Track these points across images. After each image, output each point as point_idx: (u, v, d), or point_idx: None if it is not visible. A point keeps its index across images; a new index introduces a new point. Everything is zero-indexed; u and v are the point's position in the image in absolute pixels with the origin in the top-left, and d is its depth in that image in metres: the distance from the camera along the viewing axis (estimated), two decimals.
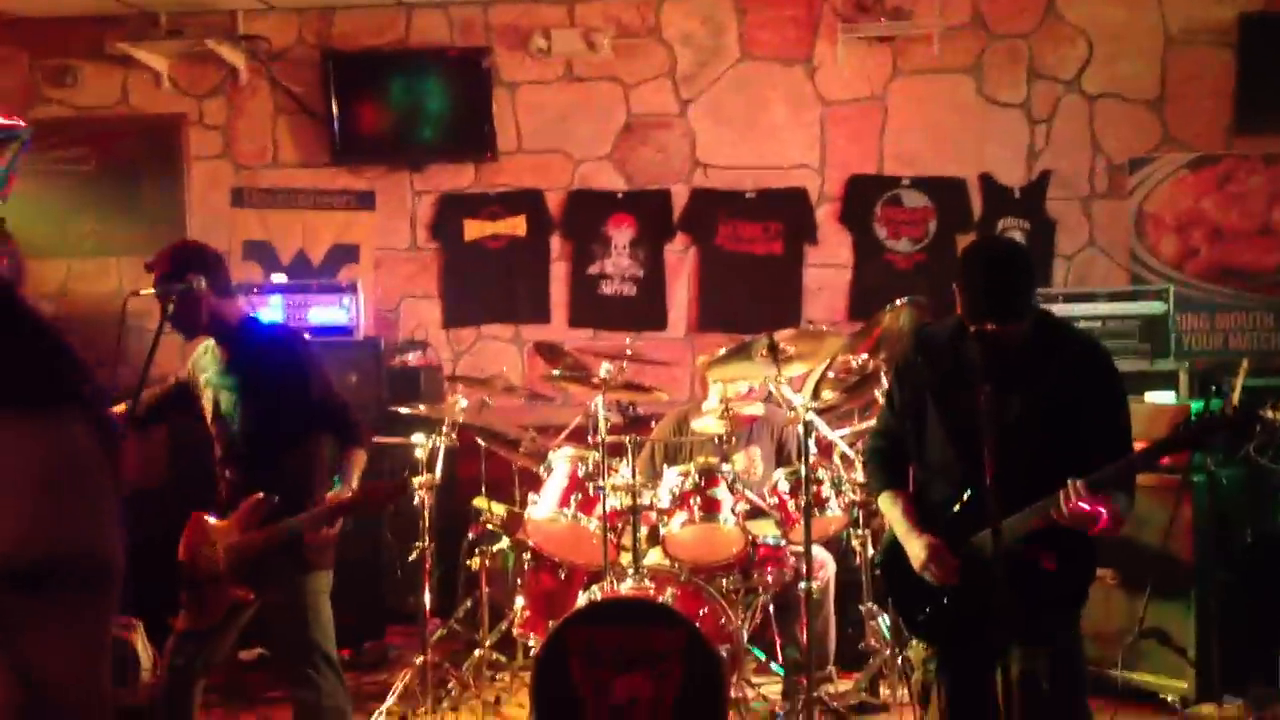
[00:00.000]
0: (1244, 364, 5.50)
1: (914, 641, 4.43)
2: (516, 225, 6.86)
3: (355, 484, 3.81)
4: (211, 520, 3.90)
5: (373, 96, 6.84)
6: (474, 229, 6.90)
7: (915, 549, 3.23)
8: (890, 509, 3.40)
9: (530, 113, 6.86)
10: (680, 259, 6.81)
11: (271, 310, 6.30)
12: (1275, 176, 6.28)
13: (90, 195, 7.08)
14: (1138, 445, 3.15)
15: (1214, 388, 5.54)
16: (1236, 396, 5.33)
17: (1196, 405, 3.13)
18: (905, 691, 4.76)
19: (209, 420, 4.05)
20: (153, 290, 3.97)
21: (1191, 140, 6.39)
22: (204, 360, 4.09)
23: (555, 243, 6.87)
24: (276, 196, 7.04)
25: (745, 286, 6.71)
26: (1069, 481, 2.94)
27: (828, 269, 6.71)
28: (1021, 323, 3.07)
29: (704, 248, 6.77)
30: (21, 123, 2.41)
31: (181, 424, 6.56)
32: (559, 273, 6.88)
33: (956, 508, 3.20)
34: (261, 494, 3.77)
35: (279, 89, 6.99)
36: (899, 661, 4.87)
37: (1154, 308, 5.79)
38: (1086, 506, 2.92)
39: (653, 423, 5.86)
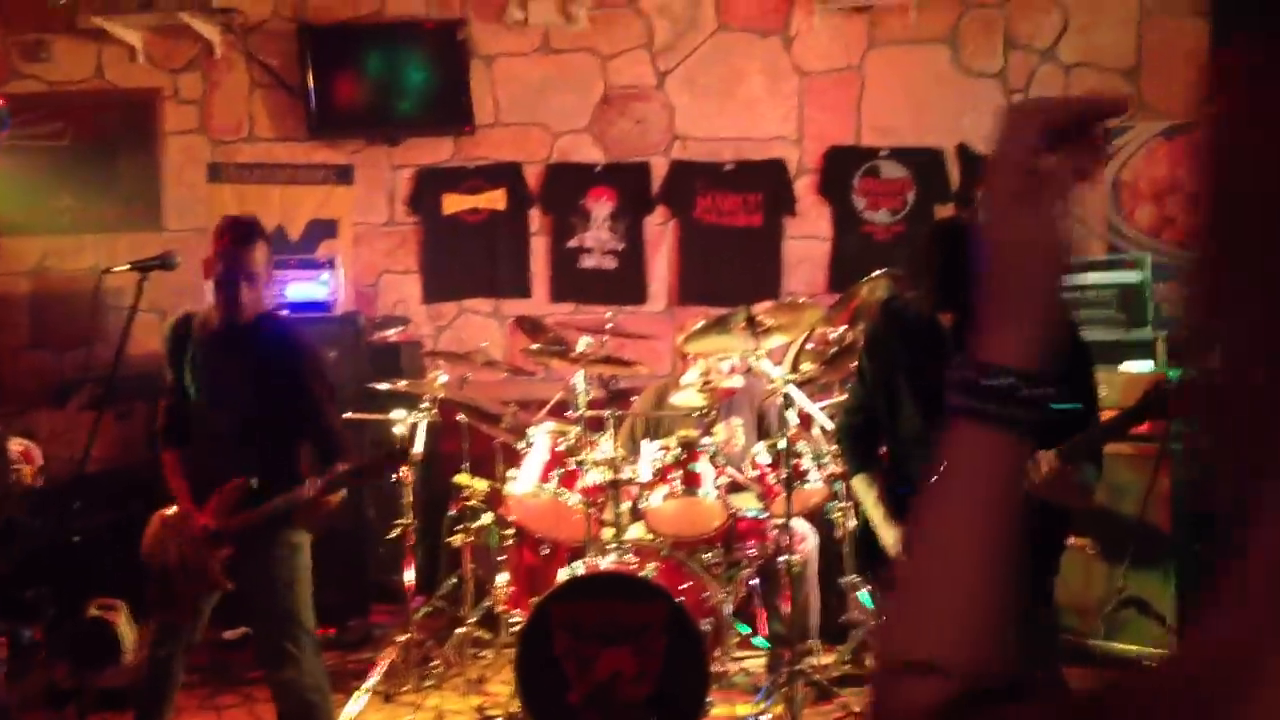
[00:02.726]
0: None
1: None
2: (495, 199, 6.84)
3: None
4: (170, 512, 3.87)
5: (349, 70, 6.79)
6: (453, 203, 6.87)
7: (889, 539, 3.27)
8: (865, 494, 3.43)
9: (507, 85, 6.83)
10: (660, 232, 6.81)
11: None
12: None
13: (65, 171, 7.03)
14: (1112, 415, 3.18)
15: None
16: None
17: (1174, 374, 3.15)
18: None
19: (191, 396, 3.97)
20: (128, 266, 3.90)
21: (1166, 109, 6.40)
22: (190, 334, 3.99)
23: (535, 216, 6.85)
24: (253, 171, 6.99)
25: (725, 259, 6.71)
26: (1039, 453, 2.97)
27: (807, 241, 6.71)
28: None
29: (683, 220, 6.77)
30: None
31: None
32: (539, 246, 6.87)
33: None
34: (243, 479, 3.75)
35: (254, 63, 6.93)
36: None
37: (1131, 277, 5.80)
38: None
39: (632, 397, 5.87)
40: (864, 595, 5.04)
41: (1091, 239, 6.47)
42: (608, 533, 4.68)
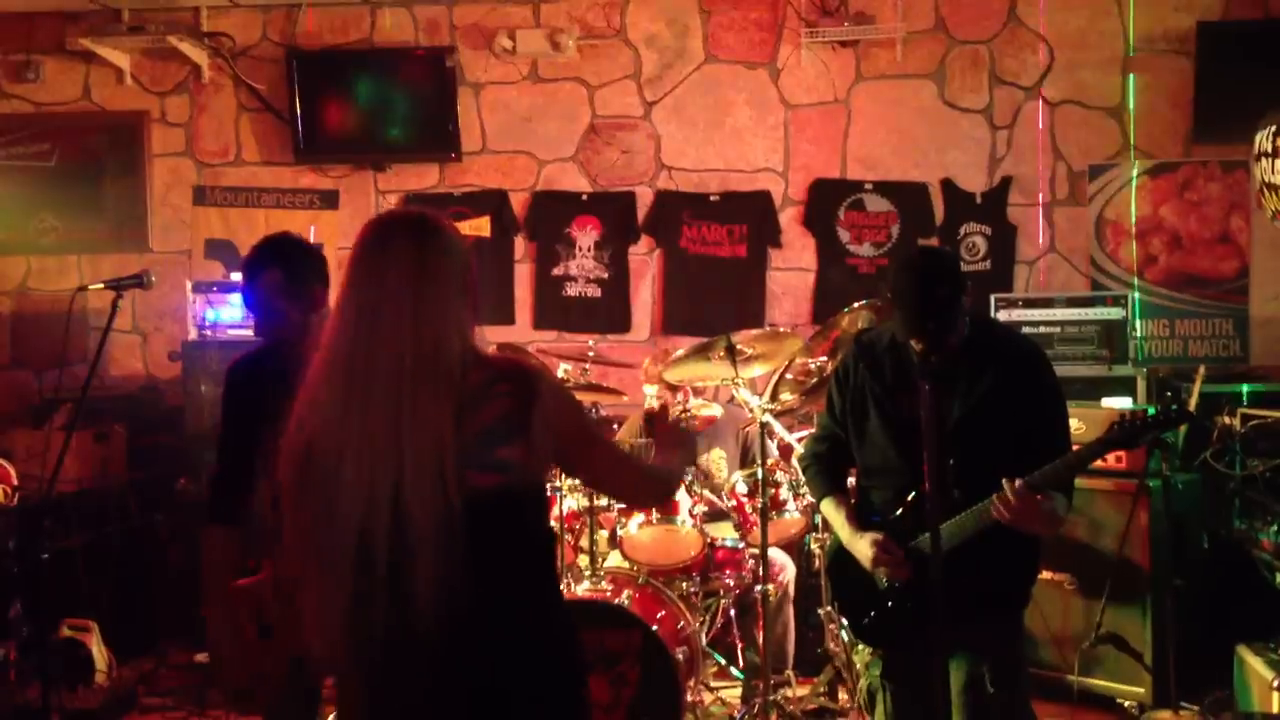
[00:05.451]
0: (1200, 370, 5.56)
1: (860, 647, 4.46)
2: (481, 226, 6.83)
3: None
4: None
5: (337, 95, 6.80)
6: None
7: (862, 549, 3.24)
8: (833, 515, 3.41)
9: (495, 113, 6.85)
10: (644, 261, 6.81)
11: (232, 309, 6.25)
12: (1233, 184, 6.34)
13: (51, 191, 7.04)
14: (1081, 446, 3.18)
15: (1170, 394, 5.59)
16: (1193, 403, 5.38)
17: (1153, 411, 3.16)
18: None
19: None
20: (102, 284, 3.85)
21: (1151, 148, 6.43)
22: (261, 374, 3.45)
23: (520, 243, 6.85)
24: (239, 195, 6.99)
25: (709, 289, 6.71)
26: (1005, 482, 2.97)
27: (791, 272, 6.72)
28: (952, 331, 3.11)
29: (668, 250, 6.77)
30: None
31: (143, 424, 6.58)
32: (523, 274, 6.87)
33: (899, 511, 3.21)
34: None
35: (242, 87, 6.95)
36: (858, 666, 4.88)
37: (1113, 314, 5.82)
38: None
39: (615, 425, 5.86)
40: (842, 627, 5.01)
41: (1075, 275, 6.49)
42: (584, 560, 4.66)
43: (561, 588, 4.28)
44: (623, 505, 3.71)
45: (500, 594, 2.15)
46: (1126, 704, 4.94)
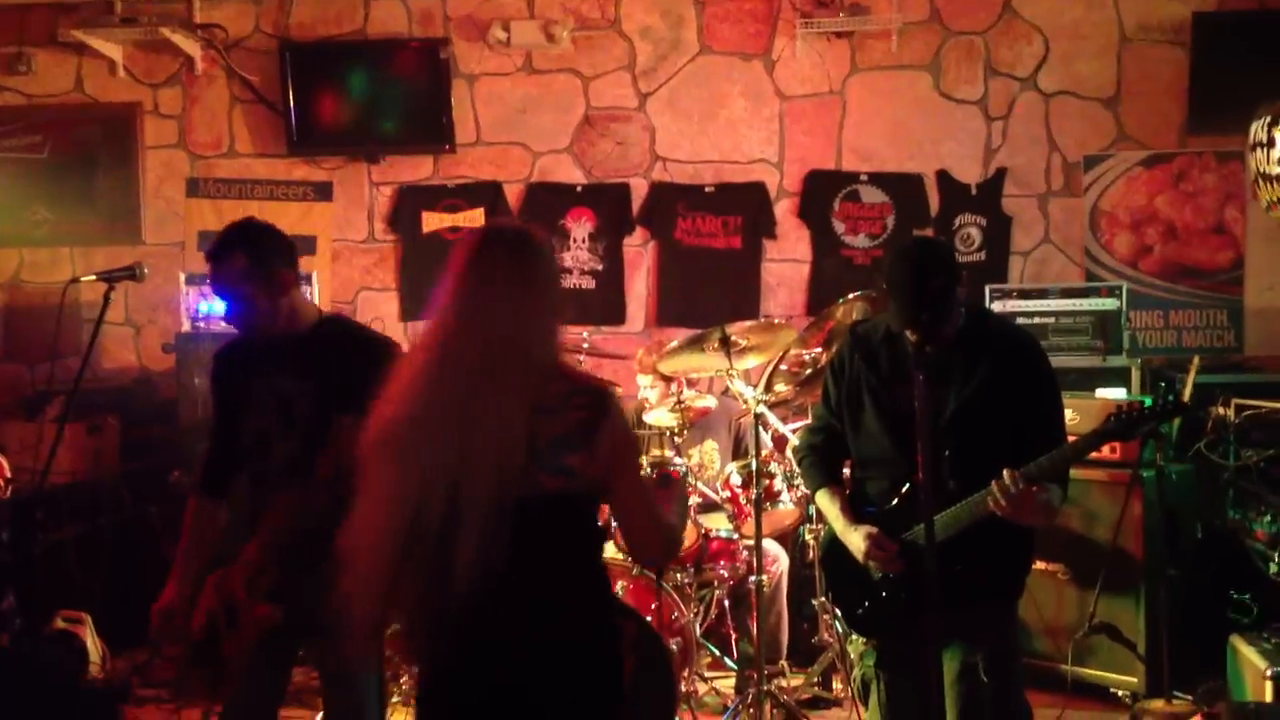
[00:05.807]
0: (1195, 361, 5.56)
1: (854, 637, 4.46)
2: (475, 218, 6.82)
3: None
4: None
5: (330, 87, 6.78)
6: (432, 221, 6.86)
7: (855, 541, 3.24)
8: (828, 506, 3.41)
9: (489, 104, 6.83)
10: (639, 253, 6.80)
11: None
12: (1228, 175, 6.33)
13: (44, 184, 7.02)
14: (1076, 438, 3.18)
15: (1164, 384, 5.59)
16: (1187, 393, 5.38)
17: (1148, 401, 3.16)
18: None
19: (256, 431, 3.32)
20: (94, 277, 3.83)
21: (1146, 138, 6.42)
22: (240, 361, 3.44)
23: None
24: (232, 187, 6.98)
25: (704, 281, 6.70)
26: (1004, 472, 2.96)
27: (786, 264, 6.71)
28: (947, 322, 3.10)
29: (663, 242, 6.76)
30: None
31: (137, 417, 6.57)
32: None
33: (894, 502, 3.21)
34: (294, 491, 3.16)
35: (235, 78, 6.93)
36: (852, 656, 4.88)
37: (1107, 304, 5.82)
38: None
39: None
40: (836, 617, 5.01)
41: (1070, 266, 6.49)
42: None
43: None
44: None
45: (544, 582, 2.37)
46: (1120, 694, 4.95)
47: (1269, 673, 4.09)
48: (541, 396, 2.32)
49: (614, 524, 4.68)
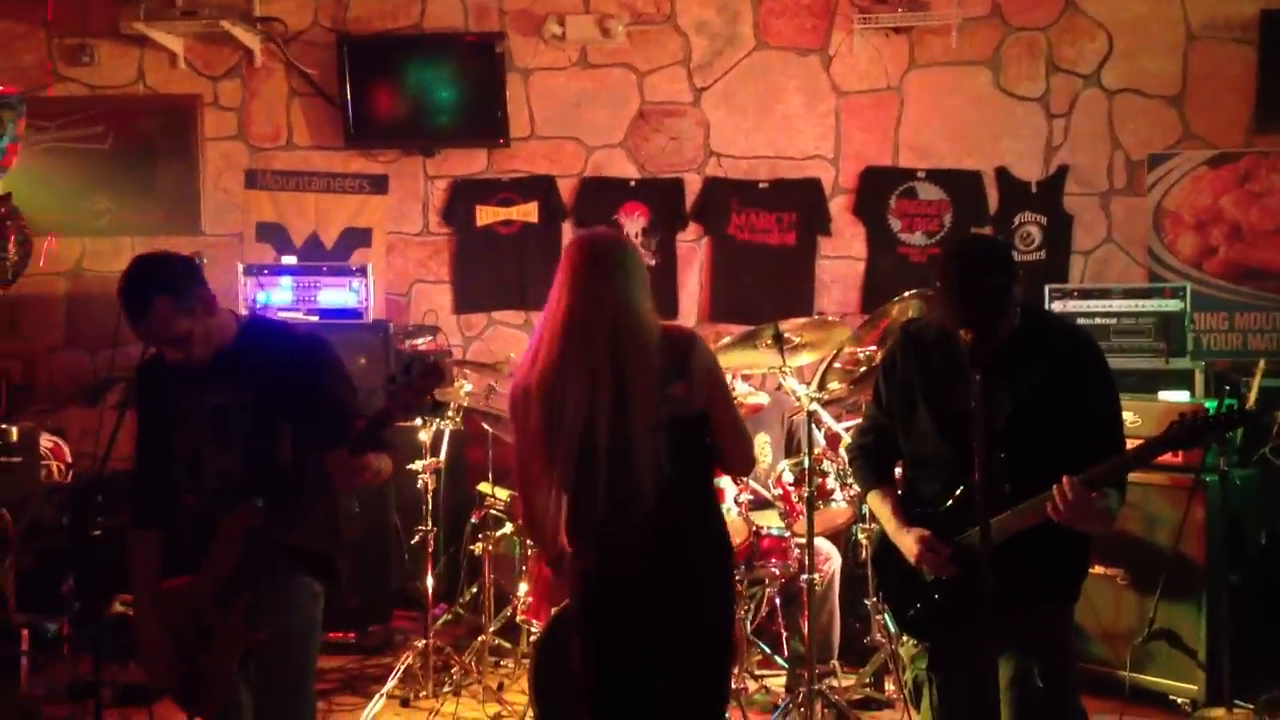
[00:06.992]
0: (1260, 364, 5.44)
1: (905, 639, 4.40)
2: (529, 212, 6.83)
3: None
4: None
5: (387, 80, 6.81)
6: (486, 214, 6.88)
7: (907, 544, 3.19)
8: (879, 507, 3.36)
9: (543, 99, 6.83)
10: (692, 248, 6.78)
11: (282, 291, 6.29)
12: None
13: (105, 174, 7.09)
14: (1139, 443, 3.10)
15: (1228, 388, 5.48)
16: (1253, 397, 5.27)
17: (1211, 405, 3.08)
18: None
19: (188, 449, 3.20)
20: None
21: (1212, 137, 6.31)
22: (165, 377, 3.26)
23: (567, 230, 6.83)
24: (290, 179, 7.04)
25: (757, 277, 6.67)
26: (1064, 478, 2.89)
27: (841, 261, 6.66)
28: (1002, 321, 3.04)
29: (716, 237, 6.73)
30: (12, 90, 2.38)
31: None
32: None
33: (948, 504, 3.15)
34: (249, 504, 3.07)
35: (294, 71, 6.98)
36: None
37: (1171, 306, 5.72)
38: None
39: None
40: (888, 617, 4.96)
41: (1133, 266, 6.38)
42: None
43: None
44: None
45: (685, 484, 3.02)
46: (1179, 701, 4.85)
47: None
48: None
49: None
